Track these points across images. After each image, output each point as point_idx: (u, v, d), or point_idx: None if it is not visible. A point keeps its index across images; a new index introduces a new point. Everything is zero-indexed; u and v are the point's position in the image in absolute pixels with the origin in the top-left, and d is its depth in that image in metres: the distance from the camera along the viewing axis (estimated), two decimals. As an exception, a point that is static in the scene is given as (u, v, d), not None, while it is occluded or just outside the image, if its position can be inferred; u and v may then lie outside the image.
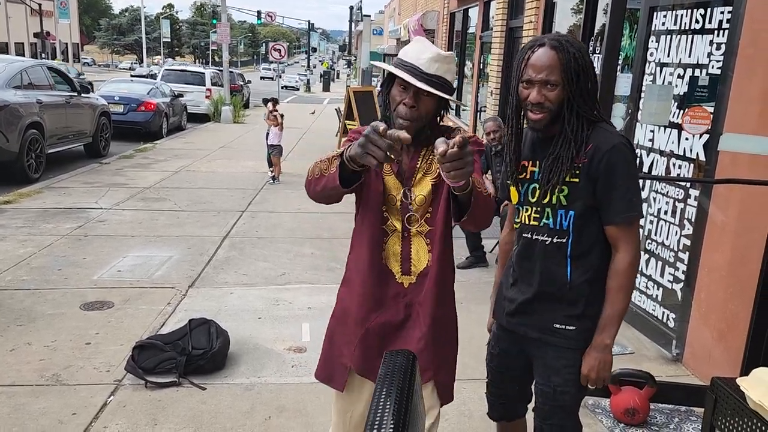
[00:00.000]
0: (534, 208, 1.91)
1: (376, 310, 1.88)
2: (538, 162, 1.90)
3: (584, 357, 1.89)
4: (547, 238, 1.88)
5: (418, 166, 1.85)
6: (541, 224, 1.89)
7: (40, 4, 37.52)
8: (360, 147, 1.47)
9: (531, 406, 2.13)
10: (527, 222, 1.93)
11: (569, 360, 1.91)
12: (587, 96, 1.80)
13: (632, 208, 1.80)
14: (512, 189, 1.98)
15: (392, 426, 1.14)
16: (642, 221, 4.18)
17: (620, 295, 1.84)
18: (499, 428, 2.29)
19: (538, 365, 1.99)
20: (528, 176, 1.93)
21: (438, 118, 1.87)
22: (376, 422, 1.14)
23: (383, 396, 1.25)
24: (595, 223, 1.85)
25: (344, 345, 1.96)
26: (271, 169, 9.24)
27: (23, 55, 35.91)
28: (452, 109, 1.88)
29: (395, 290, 1.87)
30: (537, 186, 1.90)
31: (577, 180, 1.80)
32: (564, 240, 1.86)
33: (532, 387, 2.09)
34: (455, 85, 1.88)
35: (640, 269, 4.16)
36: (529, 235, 1.93)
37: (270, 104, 9.25)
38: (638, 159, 2.07)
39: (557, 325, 1.90)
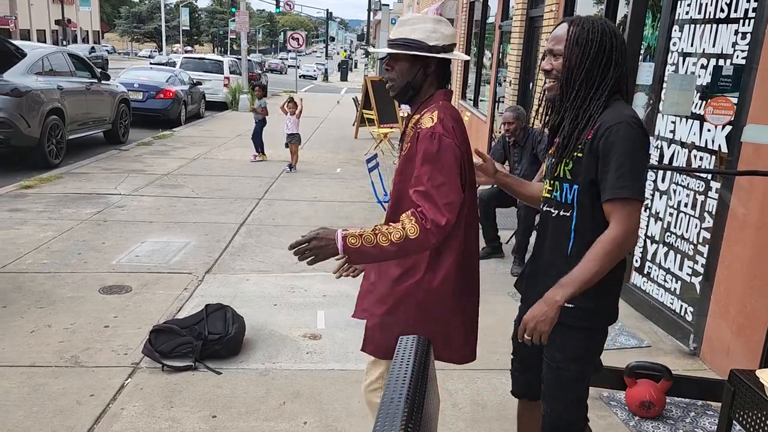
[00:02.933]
0: (549, 182, 1.98)
1: None
2: None
3: (531, 307, 1.82)
4: (554, 211, 1.94)
5: (406, 132, 2.05)
6: (552, 197, 1.96)
7: (61, -8, 37.83)
8: None
9: None
10: (544, 195, 2.01)
11: (570, 338, 1.90)
12: (590, 71, 1.83)
13: (622, 187, 1.74)
14: (544, 164, 2.08)
15: (405, 413, 1.13)
16: (661, 213, 4.12)
17: (592, 264, 1.76)
18: (519, 407, 2.28)
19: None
20: (553, 151, 1.99)
21: (423, 80, 2.00)
22: (389, 410, 1.14)
23: (396, 383, 1.25)
24: (598, 199, 1.83)
25: None
26: (254, 154, 9.75)
27: (45, 42, 36.29)
28: (421, 54, 1.98)
29: None
30: (554, 160, 1.96)
31: (581, 155, 1.84)
32: (568, 213, 1.90)
33: None
34: (432, 41, 1.96)
35: (658, 262, 4.13)
36: (543, 207, 2.02)
37: (258, 90, 10.06)
38: (650, 142, 1.99)
39: None
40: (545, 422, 2.03)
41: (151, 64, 22.45)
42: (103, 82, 10.26)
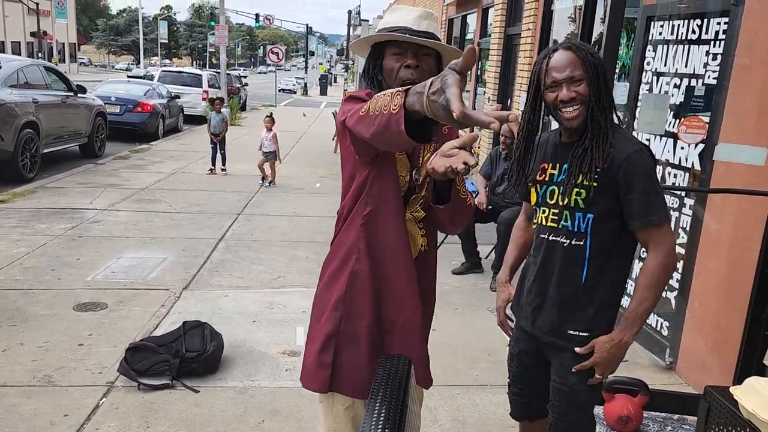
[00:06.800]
0: (552, 210, 1.97)
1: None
2: (558, 165, 1.96)
3: (598, 345, 1.90)
4: (565, 240, 1.94)
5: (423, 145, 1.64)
6: (560, 226, 1.95)
7: (37, 3, 37.42)
8: (442, 109, 1.09)
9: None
10: (545, 223, 1.99)
11: (584, 361, 1.95)
12: (609, 92, 1.88)
13: (652, 213, 1.84)
14: (532, 190, 2.05)
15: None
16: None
17: (647, 293, 1.86)
18: (521, 428, 2.32)
19: (554, 365, 2.04)
20: (547, 178, 1.99)
21: None
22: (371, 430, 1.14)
23: (378, 403, 1.25)
24: (614, 226, 1.89)
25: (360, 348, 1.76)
26: (211, 168, 9.80)
27: (19, 55, 35.80)
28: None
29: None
30: (555, 188, 1.95)
31: (596, 184, 1.85)
32: (582, 242, 1.91)
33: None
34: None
35: (634, 277, 4.18)
36: (546, 236, 1.99)
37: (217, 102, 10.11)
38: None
39: (571, 332, 1.95)
40: None
41: (128, 77, 22.24)
42: (79, 95, 10.15)
